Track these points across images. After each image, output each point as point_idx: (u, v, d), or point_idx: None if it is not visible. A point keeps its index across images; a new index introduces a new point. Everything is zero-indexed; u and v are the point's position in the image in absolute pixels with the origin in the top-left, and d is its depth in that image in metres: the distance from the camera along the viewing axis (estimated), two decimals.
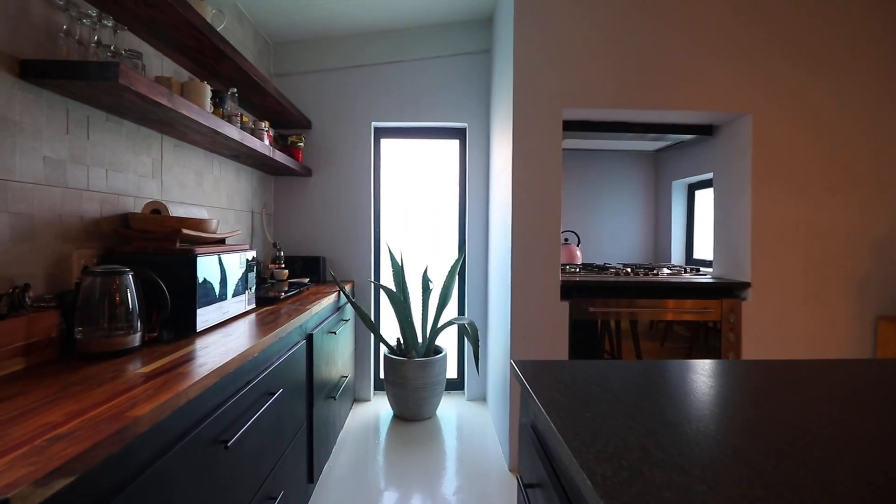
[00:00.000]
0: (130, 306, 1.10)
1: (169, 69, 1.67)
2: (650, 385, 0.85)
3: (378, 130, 2.91)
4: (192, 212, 1.60)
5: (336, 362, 2.21)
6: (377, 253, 2.95)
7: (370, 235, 2.81)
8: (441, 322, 2.64)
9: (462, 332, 2.96)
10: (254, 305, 1.71)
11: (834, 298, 2.06)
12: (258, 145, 1.92)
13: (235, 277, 1.54)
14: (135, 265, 1.16)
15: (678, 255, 2.74)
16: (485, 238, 2.84)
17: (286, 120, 2.55)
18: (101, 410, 0.75)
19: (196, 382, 0.90)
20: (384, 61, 2.75)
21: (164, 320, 1.20)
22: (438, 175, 3.02)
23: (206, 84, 1.53)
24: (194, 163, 1.85)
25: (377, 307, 2.95)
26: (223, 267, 1.45)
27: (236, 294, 1.54)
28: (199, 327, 1.30)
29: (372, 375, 2.88)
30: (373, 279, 2.85)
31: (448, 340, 2.97)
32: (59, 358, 1.06)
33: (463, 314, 2.95)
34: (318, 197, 2.79)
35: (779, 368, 0.96)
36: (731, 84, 2.00)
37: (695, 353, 1.99)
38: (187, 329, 1.28)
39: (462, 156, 2.96)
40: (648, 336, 1.98)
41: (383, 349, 2.81)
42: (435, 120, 2.80)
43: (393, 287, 2.63)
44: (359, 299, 2.80)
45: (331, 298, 2.13)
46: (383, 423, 2.52)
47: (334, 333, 2.12)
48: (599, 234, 2.84)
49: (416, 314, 2.72)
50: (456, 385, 3.02)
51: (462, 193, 2.96)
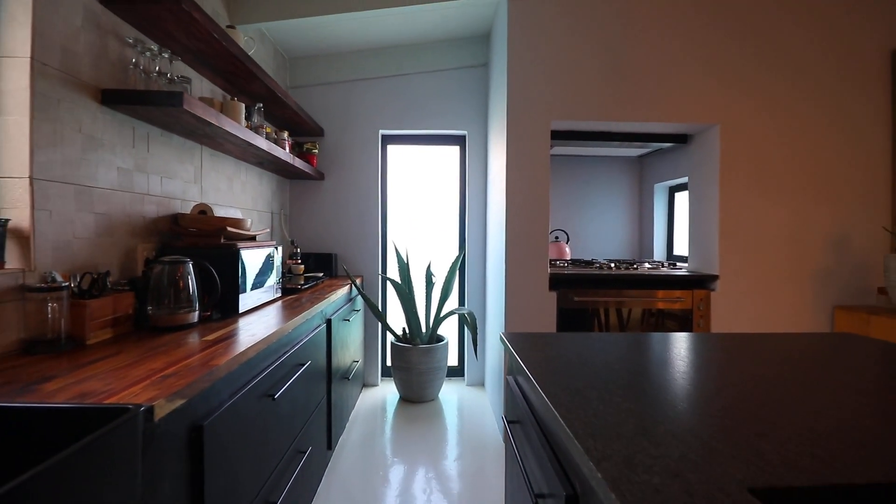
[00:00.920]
0: (191, 290, 1.35)
1: (207, 89, 1.92)
2: (605, 347, 1.09)
3: (385, 137, 3.16)
4: (231, 212, 1.85)
5: (349, 347, 2.45)
6: (384, 250, 3.20)
7: (378, 234, 3.06)
8: (443, 312, 2.89)
9: (462, 322, 3.21)
10: (280, 294, 1.96)
11: (795, 289, 2.30)
12: (281, 154, 2.17)
13: (267, 269, 1.79)
14: (189, 257, 1.41)
15: (660, 252, 2.99)
16: (483, 236, 3.09)
17: (302, 128, 2.80)
18: (190, 361, 1.00)
19: (252, 346, 1.15)
20: (390, 74, 3.00)
21: (215, 302, 1.45)
22: (440, 178, 3.27)
23: (241, 103, 1.78)
24: (226, 169, 2.10)
25: (384, 299, 3.19)
26: (258, 259, 1.70)
27: (268, 283, 1.79)
28: (241, 309, 1.55)
29: (379, 362, 3.13)
30: (380, 273, 3.10)
31: (449, 331, 3.22)
32: (135, 330, 1.31)
33: (463, 306, 3.19)
34: (330, 198, 3.04)
35: (721, 338, 1.20)
36: (701, 98, 2.24)
37: None
38: (231, 310, 1.53)
39: (462, 161, 3.20)
40: (627, 322, 2.22)
41: (390, 337, 3.06)
42: (437, 128, 3.05)
43: (399, 281, 2.88)
44: (367, 292, 3.04)
45: (344, 290, 2.38)
46: (390, 404, 2.78)
47: (347, 321, 2.37)
48: (588, 233, 3.09)
49: (420, 306, 2.96)
50: (456, 372, 3.26)
51: (462, 195, 3.21)
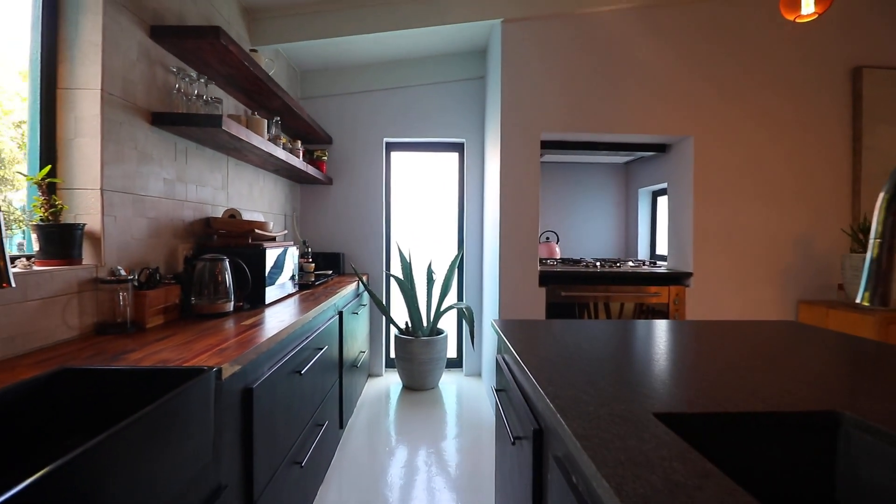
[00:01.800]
0: (228, 283, 1.58)
1: (232, 105, 2.15)
2: (578, 330, 1.32)
3: (389, 145, 3.39)
4: (254, 216, 2.08)
5: (357, 338, 2.68)
6: (388, 249, 3.43)
7: (382, 234, 3.29)
8: (443, 307, 3.12)
9: (461, 317, 3.44)
10: (297, 289, 2.19)
11: (762, 285, 2.53)
12: (297, 163, 2.40)
13: (286, 266, 2.02)
14: (223, 255, 1.64)
15: (644, 251, 3.22)
16: (480, 236, 3.32)
17: (313, 137, 3.03)
18: (239, 338, 1.23)
19: (283, 329, 1.38)
20: (395, 86, 3.23)
21: (246, 294, 1.68)
22: (440, 183, 3.50)
23: (264, 119, 2.01)
24: (247, 176, 2.33)
25: (388, 295, 3.42)
26: (279, 258, 1.93)
27: (287, 279, 2.02)
28: (267, 301, 1.78)
29: (383, 354, 3.36)
30: (385, 271, 3.33)
31: (449, 325, 3.45)
32: (181, 317, 1.54)
33: (461, 301, 3.42)
34: (338, 202, 3.27)
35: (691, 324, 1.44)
36: (677, 112, 2.48)
37: None
38: (259, 302, 1.76)
39: (461, 166, 3.43)
40: (610, 315, 2.45)
41: (394, 330, 3.29)
42: (437, 136, 3.28)
43: (402, 278, 3.11)
44: (372, 288, 3.27)
45: (352, 286, 2.61)
46: (394, 392, 3.01)
47: (356, 314, 2.60)
48: (578, 233, 3.32)
49: (422, 301, 3.19)
50: (455, 363, 3.49)
51: (461, 198, 3.44)
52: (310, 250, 2.91)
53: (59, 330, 1.19)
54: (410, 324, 3.13)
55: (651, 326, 1.38)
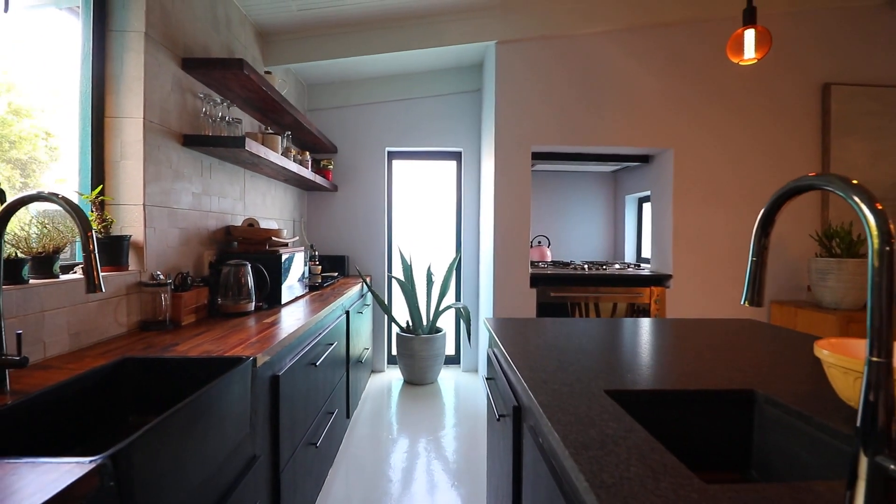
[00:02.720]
0: (250, 286, 1.78)
1: (248, 123, 2.34)
2: (560, 327, 1.52)
3: (390, 153, 3.59)
4: (269, 224, 2.28)
5: (361, 336, 2.88)
6: (390, 252, 3.63)
7: (384, 238, 3.49)
8: (442, 307, 3.32)
9: (458, 316, 3.64)
10: (307, 290, 2.39)
11: (737, 286, 2.73)
12: (307, 174, 2.60)
13: (298, 269, 2.21)
14: (244, 261, 1.83)
15: (630, 255, 3.42)
16: (477, 240, 3.52)
17: (319, 147, 3.23)
18: (263, 334, 1.43)
19: (301, 326, 1.58)
20: (396, 98, 3.42)
21: (266, 295, 1.88)
22: (439, 189, 3.70)
23: (277, 136, 2.21)
24: (261, 187, 2.53)
25: (390, 295, 3.62)
26: (293, 262, 2.12)
27: (298, 281, 2.22)
28: (283, 301, 1.98)
29: (385, 351, 3.56)
30: (387, 273, 3.53)
31: (447, 324, 3.65)
32: (209, 316, 1.74)
33: (459, 301, 3.63)
34: (343, 208, 3.47)
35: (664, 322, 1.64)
36: (658, 126, 2.68)
37: None
38: (275, 302, 1.96)
39: (458, 174, 3.63)
40: (599, 313, 2.65)
41: (395, 328, 3.49)
42: (436, 145, 3.47)
43: (403, 279, 3.31)
44: (375, 289, 3.47)
45: (356, 288, 2.81)
46: (396, 386, 3.21)
47: (361, 313, 2.80)
48: (569, 238, 3.52)
49: (422, 301, 3.40)
50: (453, 360, 3.70)
51: (458, 204, 3.64)
52: (317, 253, 3.11)
53: (112, 327, 1.38)
54: (411, 322, 3.32)
55: (625, 324, 1.58)
